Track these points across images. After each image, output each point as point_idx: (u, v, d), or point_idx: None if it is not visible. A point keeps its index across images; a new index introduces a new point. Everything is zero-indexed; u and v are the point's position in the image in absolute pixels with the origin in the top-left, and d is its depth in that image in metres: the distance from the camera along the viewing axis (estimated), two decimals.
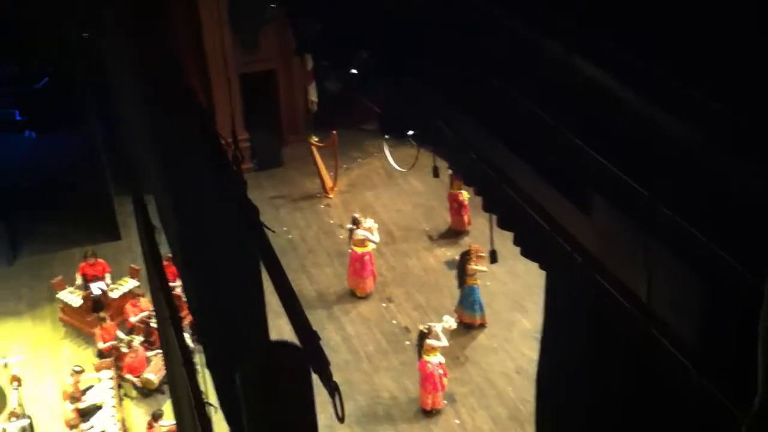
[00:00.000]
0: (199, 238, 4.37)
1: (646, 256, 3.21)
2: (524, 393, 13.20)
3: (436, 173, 6.60)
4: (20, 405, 12.88)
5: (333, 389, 2.62)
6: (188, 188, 4.27)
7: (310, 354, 2.67)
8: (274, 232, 3.47)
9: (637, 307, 3.42)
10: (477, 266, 14.69)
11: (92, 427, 13.20)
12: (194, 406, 4.11)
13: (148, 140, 4.98)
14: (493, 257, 5.98)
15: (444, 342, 13.29)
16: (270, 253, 2.96)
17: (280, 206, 19.29)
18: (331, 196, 19.43)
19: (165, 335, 6.39)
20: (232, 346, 3.99)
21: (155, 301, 8.18)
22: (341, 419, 2.69)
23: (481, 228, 16.55)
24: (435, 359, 13.23)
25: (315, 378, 2.93)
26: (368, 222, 16.03)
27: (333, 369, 11.32)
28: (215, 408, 4.60)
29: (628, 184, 3.19)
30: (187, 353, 4.35)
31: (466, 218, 17.46)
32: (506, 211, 4.73)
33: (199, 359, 5.73)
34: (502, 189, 4.55)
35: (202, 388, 4.58)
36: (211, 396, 5.15)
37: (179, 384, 5.24)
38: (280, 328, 3.95)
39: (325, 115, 20.52)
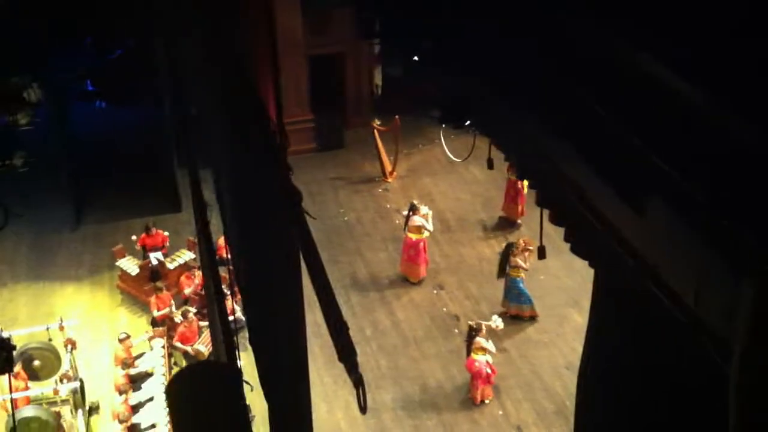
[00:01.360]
0: (248, 218, 4.40)
1: (699, 265, 3.12)
2: (573, 389, 12.97)
3: (490, 165, 6.53)
4: (73, 368, 13.18)
5: (357, 381, 2.60)
6: (240, 169, 4.30)
7: (337, 344, 2.66)
8: (314, 219, 3.47)
9: (685, 314, 3.33)
10: (519, 261, 14.56)
11: (142, 393, 13.46)
12: (228, 381, 4.16)
13: (209, 122, 5.02)
14: (541, 253, 5.90)
15: (491, 347, 13.21)
16: (308, 240, 2.95)
17: (339, 187, 19.37)
18: (389, 180, 19.44)
19: (212, 311, 6.47)
20: (270, 326, 4.02)
21: (205, 277, 8.29)
22: (363, 410, 2.67)
23: (536, 219, 16.36)
24: (483, 358, 13.18)
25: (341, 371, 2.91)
26: (424, 209, 15.99)
27: (381, 353, 11.50)
28: (251, 386, 4.64)
29: (687, 190, 3.10)
30: (228, 330, 4.39)
31: (520, 208, 17.32)
32: (559, 207, 4.65)
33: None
34: (557, 185, 4.47)
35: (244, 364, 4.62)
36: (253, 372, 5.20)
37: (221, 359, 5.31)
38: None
39: (389, 100, 20.53)
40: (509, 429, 13.00)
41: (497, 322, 13.53)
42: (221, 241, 13.95)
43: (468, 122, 5.70)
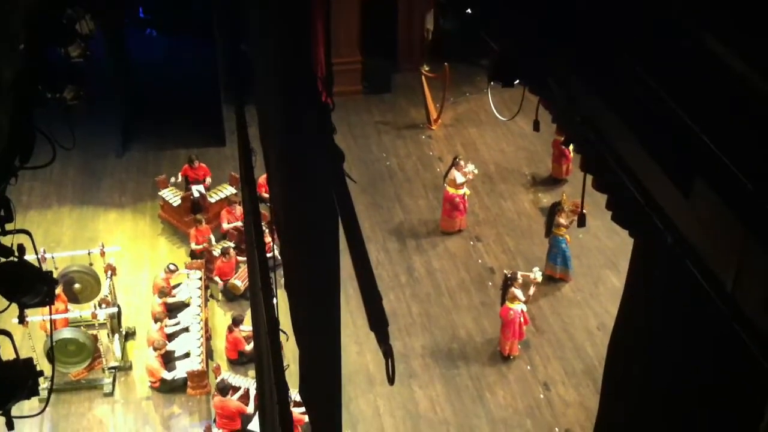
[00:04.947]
0: (290, 165, 4.40)
1: (740, 248, 3.08)
2: (603, 350, 12.94)
3: (536, 127, 6.44)
4: (112, 293, 13.46)
5: (386, 352, 2.61)
6: (286, 119, 4.29)
7: (370, 314, 2.67)
8: (355, 182, 3.47)
9: (721, 297, 3.30)
10: (563, 220, 14.42)
11: (177, 322, 13.74)
12: (268, 331, 4.21)
13: (258, 65, 5.01)
14: (581, 221, 5.84)
15: (522, 297, 13.18)
16: (347, 204, 2.95)
17: (383, 132, 19.31)
18: (434, 128, 19.32)
19: (251, 254, 6.54)
20: (305, 275, 4.05)
21: (246, 222, 8.37)
22: (391, 381, 2.69)
23: (581, 179, 16.21)
24: (518, 307, 13.17)
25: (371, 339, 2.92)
26: (470, 167, 15.84)
27: (414, 300, 11.53)
28: (287, 336, 4.69)
29: (733, 173, 3.04)
30: (266, 279, 4.44)
31: (565, 167, 17.14)
32: (603, 175, 4.61)
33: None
34: (602, 152, 4.42)
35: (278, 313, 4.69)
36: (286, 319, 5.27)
37: (258, 305, 5.37)
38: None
39: (440, 46, 20.29)
40: (536, 385, 13.07)
41: (536, 274, 13.49)
42: (262, 179, 14.06)
43: (517, 81, 5.62)
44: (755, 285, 3.06)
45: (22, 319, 4.72)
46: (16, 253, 4.39)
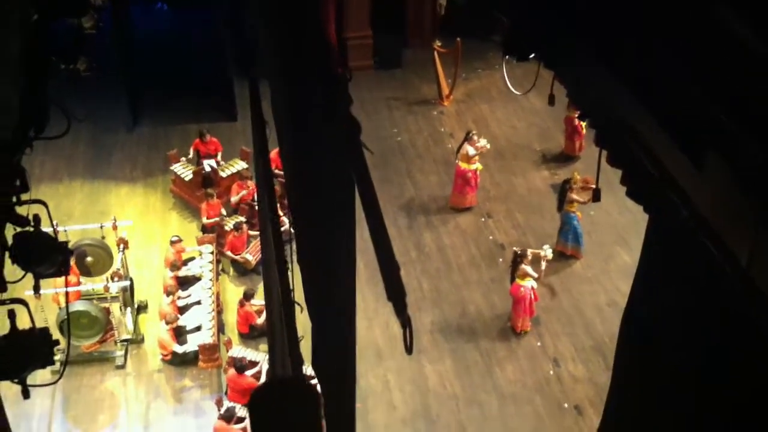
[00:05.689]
0: (304, 140, 4.40)
1: (755, 223, 3.08)
2: (613, 327, 13.04)
3: (552, 101, 6.41)
4: (124, 267, 13.53)
5: (404, 323, 2.62)
6: (298, 92, 4.28)
7: (387, 284, 2.69)
8: (372, 153, 3.46)
9: (736, 272, 3.30)
10: (575, 196, 14.38)
11: (189, 296, 13.81)
12: (282, 303, 4.23)
13: (270, 38, 5.00)
14: (596, 196, 5.83)
15: (537, 272, 13.21)
16: (365, 175, 2.95)
17: (394, 107, 19.26)
18: (446, 104, 19.25)
19: (265, 230, 6.55)
20: (319, 249, 4.06)
21: (259, 196, 8.38)
22: (409, 350, 2.71)
23: (593, 156, 16.16)
24: (528, 284, 13.19)
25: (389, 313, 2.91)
26: (482, 141, 15.79)
27: (424, 275, 11.53)
28: (301, 307, 4.71)
29: (747, 147, 3.03)
30: (281, 252, 4.45)
31: (578, 144, 17.08)
32: (618, 149, 4.59)
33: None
34: (617, 127, 4.41)
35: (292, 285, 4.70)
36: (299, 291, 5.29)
37: (272, 279, 5.39)
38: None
39: (452, 21, 20.16)
40: (546, 361, 13.11)
41: (547, 251, 13.49)
42: (274, 153, 14.05)
43: (532, 55, 5.58)
44: None
45: (37, 289, 4.76)
46: (32, 224, 4.42)
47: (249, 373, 12.22)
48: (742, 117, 3.07)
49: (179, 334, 13.16)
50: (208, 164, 16.19)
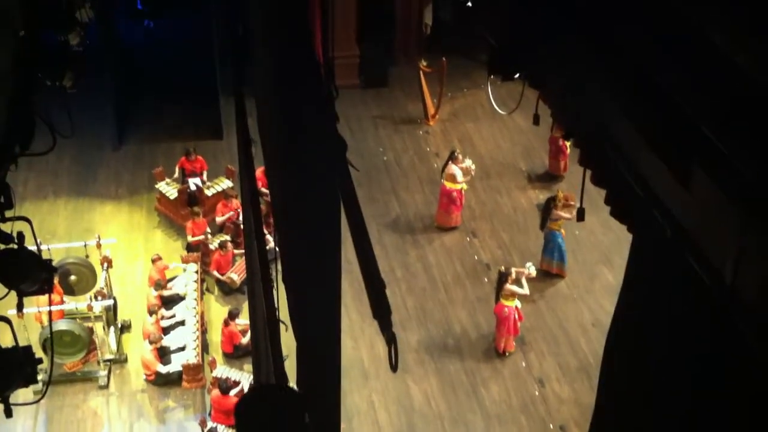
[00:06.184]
0: (290, 157, 4.40)
1: (740, 240, 3.10)
2: (598, 346, 13.10)
3: (536, 120, 6.44)
4: (108, 285, 13.44)
5: (390, 339, 2.62)
6: (286, 109, 4.29)
7: (373, 301, 2.69)
8: (358, 171, 3.47)
9: (720, 289, 3.32)
10: (562, 213, 14.42)
11: (173, 315, 13.73)
12: (266, 321, 4.21)
13: (258, 54, 5.01)
14: (581, 215, 5.85)
15: (525, 290, 13.24)
16: (351, 194, 2.95)
17: (380, 126, 19.31)
18: (431, 123, 19.31)
19: (250, 247, 6.53)
20: (304, 267, 4.05)
21: (245, 213, 8.36)
22: (394, 368, 2.70)
23: (577, 175, 16.24)
24: (512, 304, 13.20)
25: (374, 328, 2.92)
26: (467, 162, 15.86)
27: (409, 294, 11.49)
28: (286, 326, 4.69)
29: (734, 164, 3.05)
30: (266, 270, 4.44)
31: (563, 164, 17.17)
32: (602, 169, 4.62)
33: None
34: (602, 146, 4.43)
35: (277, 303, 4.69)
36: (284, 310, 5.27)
37: (257, 298, 5.36)
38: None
39: (438, 41, 20.27)
40: (531, 381, 13.10)
41: (530, 269, 13.51)
42: (259, 171, 14.04)
43: (518, 74, 5.61)
44: (754, 277, 3.08)
45: (21, 307, 4.71)
46: (16, 241, 4.39)
47: (233, 393, 12.14)
48: (730, 135, 3.09)
49: (163, 353, 13.08)
50: (193, 183, 16.16)
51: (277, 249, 11.81)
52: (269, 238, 12.32)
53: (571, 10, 4.48)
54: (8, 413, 4.56)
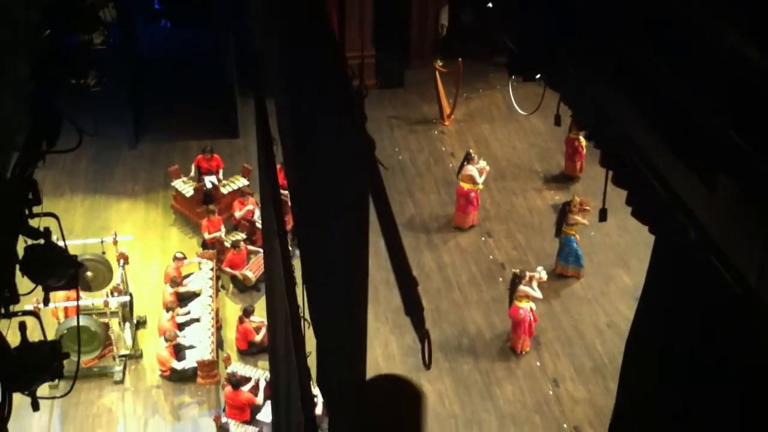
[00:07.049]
0: (312, 158, 4.42)
1: (765, 242, 3.10)
2: (613, 348, 13.09)
3: (558, 121, 6.45)
4: (124, 282, 13.52)
5: (423, 336, 2.64)
6: (309, 111, 4.31)
7: (405, 299, 2.70)
8: (387, 169, 3.49)
9: (745, 292, 3.32)
10: (578, 217, 14.42)
11: (188, 312, 13.79)
12: (289, 320, 4.23)
13: (278, 59, 5.03)
14: (603, 216, 5.85)
15: (538, 294, 13.23)
16: (381, 192, 2.97)
17: (395, 126, 19.33)
18: (447, 123, 19.32)
19: (270, 245, 6.55)
20: (329, 268, 4.06)
21: (264, 212, 8.38)
22: (428, 366, 2.72)
23: (593, 177, 16.25)
24: (527, 305, 13.21)
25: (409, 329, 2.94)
26: (482, 163, 15.88)
27: (424, 294, 11.44)
28: (308, 323, 4.71)
29: (757, 166, 3.06)
30: (289, 268, 4.46)
31: (579, 165, 17.14)
32: (624, 170, 4.61)
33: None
34: (624, 148, 4.42)
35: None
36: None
37: (277, 296, 5.38)
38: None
39: (454, 42, 20.26)
40: (545, 381, 13.10)
41: (541, 273, 13.51)
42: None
43: (538, 76, 5.62)
44: None
45: (47, 302, 4.78)
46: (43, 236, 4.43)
47: (245, 388, 12.19)
48: (754, 136, 3.09)
49: (178, 350, 13.14)
50: (209, 181, 16.23)
51: (291, 248, 11.89)
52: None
53: (590, 12, 4.49)
54: (35, 406, 4.61)
